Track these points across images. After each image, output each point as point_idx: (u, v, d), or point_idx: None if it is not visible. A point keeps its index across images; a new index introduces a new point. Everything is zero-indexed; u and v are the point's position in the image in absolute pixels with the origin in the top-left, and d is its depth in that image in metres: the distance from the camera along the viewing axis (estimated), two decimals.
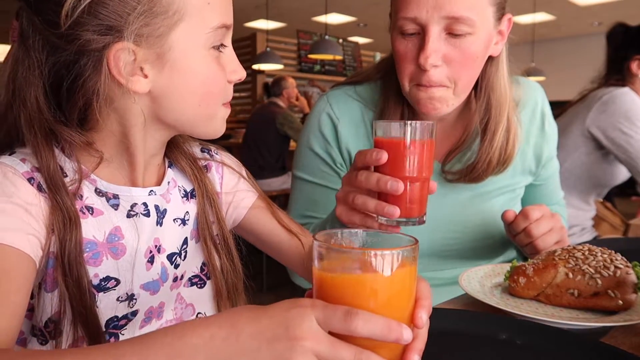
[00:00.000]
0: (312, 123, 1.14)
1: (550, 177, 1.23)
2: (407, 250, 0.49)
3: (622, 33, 2.05)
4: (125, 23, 0.62)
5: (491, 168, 1.05)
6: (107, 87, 0.64)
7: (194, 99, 0.68)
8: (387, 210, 0.72)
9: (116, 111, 0.68)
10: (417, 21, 0.92)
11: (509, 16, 1.01)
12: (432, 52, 0.91)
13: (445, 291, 1.11)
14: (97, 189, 0.70)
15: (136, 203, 0.73)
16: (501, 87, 1.04)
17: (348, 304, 0.47)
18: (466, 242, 1.13)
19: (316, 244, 0.50)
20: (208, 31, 0.67)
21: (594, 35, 7.53)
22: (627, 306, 0.77)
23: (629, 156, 1.85)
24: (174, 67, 0.66)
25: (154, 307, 0.75)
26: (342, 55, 6.20)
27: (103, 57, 0.63)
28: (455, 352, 0.66)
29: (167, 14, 0.64)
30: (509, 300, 0.83)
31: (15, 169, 0.63)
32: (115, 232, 0.70)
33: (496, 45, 1.01)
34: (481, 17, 0.92)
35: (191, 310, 0.81)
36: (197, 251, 0.81)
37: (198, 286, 0.81)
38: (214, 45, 0.68)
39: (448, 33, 0.92)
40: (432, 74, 0.93)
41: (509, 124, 1.05)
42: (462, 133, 1.08)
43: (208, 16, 0.66)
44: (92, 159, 0.69)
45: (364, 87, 1.14)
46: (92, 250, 0.68)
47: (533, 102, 1.15)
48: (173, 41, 0.65)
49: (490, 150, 1.04)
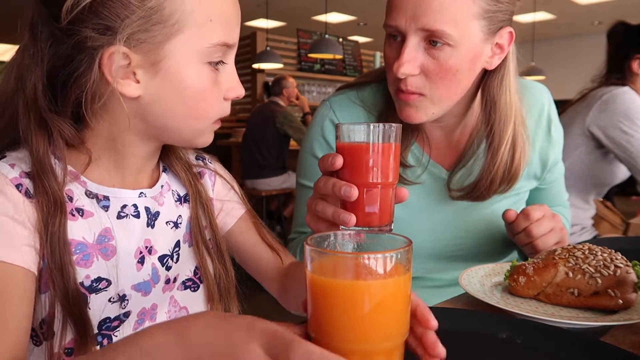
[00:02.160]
0: (314, 130, 1.12)
1: (556, 181, 1.21)
2: (400, 253, 0.48)
3: (623, 32, 2.05)
4: (122, 25, 0.62)
5: (494, 186, 1.01)
6: (98, 86, 0.65)
7: (182, 110, 0.68)
8: (342, 217, 0.68)
9: (107, 112, 0.68)
10: (397, 29, 0.91)
11: (509, 29, 0.96)
12: (406, 61, 0.90)
13: (447, 292, 1.11)
14: (87, 191, 0.71)
15: (126, 204, 0.74)
16: (506, 100, 1.00)
17: (341, 309, 0.46)
18: (470, 247, 1.13)
19: (308, 249, 0.50)
20: (207, 46, 0.67)
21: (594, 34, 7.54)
22: (627, 305, 0.77)
23: (629, 155, 1.85)
24: (166, 76, 0.66)
25: (146, 308, 0.75)
26: (342, 54, 6.20)
27: (97, 55, 0.63)
28: (455, 352, 0.66)
29: (167, 24, 0.64)
30: (509, 299, 0.83)
31: (5, 176, 0.64)
32: (105, 233, 0.71)
33: (491, 59, 0.96)
34: (461, 31, 0.88)
35: (185, 313, 0.81)
36: (189, 255, 0.81)
37: (191, 289, 0.82)
38: (211, 60, 0.68)
39: (428, 42, 0.90)
40: (408, 81, 0.92)
41: (515, 140, 1.01)
42: (467, 142, 1.06)
43: (208, 32, 0.66)
44: (81, 160, 0.70)
45: (367, 91, 1.12)
46: (83, 252, 0.68)
47: (539, 106, 1.13)
48: (169, 50, 0.65)
49: (493, 167, 1.00)
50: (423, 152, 1.08)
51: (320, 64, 7.37)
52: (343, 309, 0.47)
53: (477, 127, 1.04)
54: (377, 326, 0.48)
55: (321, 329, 0.50)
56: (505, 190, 1.04)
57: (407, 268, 0.49)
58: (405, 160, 1.05)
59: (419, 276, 1.16)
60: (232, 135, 5.64)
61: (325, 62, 7.41)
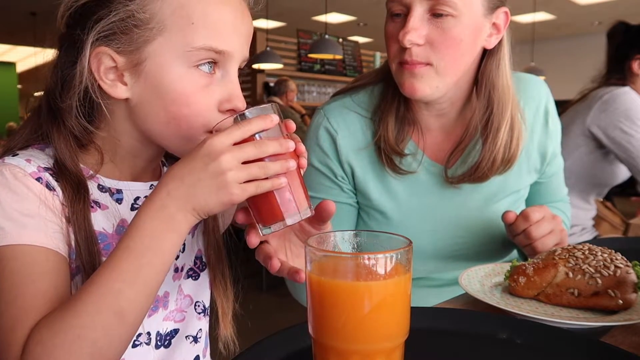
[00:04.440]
0: (310, 138, 1.13)
1: (555, 174, 1.22)
2: (400, 253, 0.48)
3: (623, 32, 2.05)
4: (105, 27, 0.65)
5: (495, 167, 1.04)
6: (92, 88, 0.68)
7: (164, 115, 0.68)
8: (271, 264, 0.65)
9: (106, 116, 0.71)
10: (402, 2, 0.94)
11: (504, 9, 1.00)
12: (412, 29, 0.93)
13: (447, 292, 1.11)
14: (99, 185, 0.73)
15: (139, 197, 0.76)
16: (503, 84, 1.03)
17: (341, 309, 0.46)
18: (471, 246, 1.13)
19: (308, 249, 0.50)
20: (188, 49, 0.66)
21: (594, 34, 7.53)
22: (627, 306, 0.77)
23: (629, 155, 1.85)
24: (148, 78, 0.67)
25: (159, 296, 0.78)
26: (342, 54, 6.20)
27: (86, 57, 0.66)
28: (455, 352, 0.66)
29: (147, 26, 0.66)
30: (509, 299, 0.83)
31: (24, 170, 0.65)
32: (123, 224, 0.73)
33: (489, 38, 1.00)
34: (464, 1, 0.93)
35: (189, 301, 0.83)
36: (193, 245, 0.85)
37: (193, 278, 0.85)
38: (197, 64, 0.67)
39: (432, 14, 0.93)
40: (413, 51, 0.95)
41: (513, 122, 1.04)
42: (463, 132, 1.07)
43: (189, 35, 0.66)
44: (92, 159, 0.72)
45: (361, 94, 1.12)
46: (104, 242, 0.71)
47: (537, 99, 1.14)
48: (149, 53, 0.66)
49: (494, 148, 1.03)
50: (418, 148, 1.08)
51: (320, 64, 7.37)
52: (343, 309, 0.47)
53: (473, 116, 1.05)
54: (377, 326, 0.48)
55: (321, 329, 0.50)
56: (504, 171, 1.06)
57: (407, 268, 0.49)
58: (401, 150, 1.06)
59: (419, 276, 1.16)
60: None
61: (325, 63, 7.41)
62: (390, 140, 1.05)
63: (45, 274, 0.61)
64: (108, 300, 0.56)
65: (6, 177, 0.64)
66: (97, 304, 0.56)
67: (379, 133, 1.06)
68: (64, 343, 0.55)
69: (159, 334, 0.78)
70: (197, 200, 0.58)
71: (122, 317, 0.57)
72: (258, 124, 0.59)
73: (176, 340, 0.80)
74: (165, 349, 0.78)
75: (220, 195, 0.58)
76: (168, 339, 0.79)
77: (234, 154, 0.58)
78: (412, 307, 0.53)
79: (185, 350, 0.82)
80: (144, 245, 0.58)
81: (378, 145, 1.07)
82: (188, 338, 0.83)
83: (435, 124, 1.09)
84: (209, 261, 0.86)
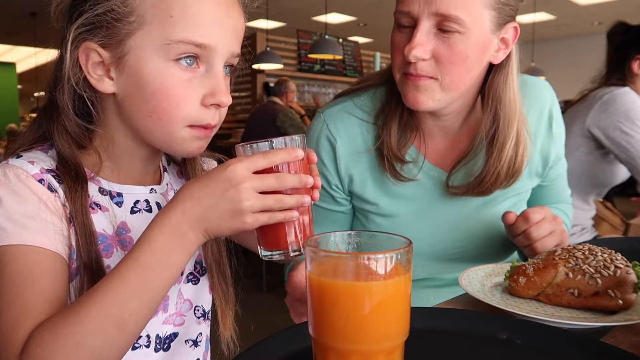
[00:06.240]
0: (308, 144, 1.12)
1: (558, 177, 1.21)
2: (400, 253, 0.48)
3: (623, 32, 2.05)
4: (88, 20, 0.67)
5: (499, 182, 1.03)
6: (79, 81, 0.69)
7: (145, 109, 0.68)
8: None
9: (98, 111, 0.72)
10: (410, 15, 0.93)
11: (514, 24, 0.98)
12: (418, 44, 0.91)
13: (447, 292, 1.11)
14: (100, 188, 0.73)
15: (139, 200, 0.77)
16: (510, 97, 1.01)
17: (341, 309, 0.46)
18: (471, 248, 1.12)
19: (308, 249, 0.50)
20: (166, 43, 0.66)
21: (594, 34, 7.54)
22: (627, 306, 0.77)
23: (629, 156, 1.85)
24: (129, 72, 0.68)
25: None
26: (342, 54, 6.20)
27: (75, 52, 0.67)
28: (455, 352, 0.66)
29: (128, 19, 0.66)
30: (509, 300, 0.83)
31: (27, 172, 0.66)
32: (123, 226, 0.74)
33: (497, 53, 0.98)
34: (473, 18, 0.91)
35: (189, 305, 0.83)
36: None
37: (193, 283, 0.84)
38: (176, 58, 0.66)
39: (438, 29, 0.92)
40: (418, 66, 0.94)
41: (519, 137, 1.02)
42: (468, 142, 1.06)
43: (169, 28, 0.66)
44: (91, 161, 0.73)
45: (363, 97, 1.11)
46: (104, 243, 0.71)
47: (542, 102, 1.13)
48: (131, 46, 0.67)
49: (499, 163, 1.01)
50: (419, 154, 1.07)
51: (320, 65, 7.38)
52: (343, 309, 0.47)
53: (479, 127, 1.04)
54: (377, 326, 0.48)
55: (321, 329, 0.50)
56: (507, 185, 1.05)
57: (407, 269, 0.49)
58: (403, 157, 1.05)
59: (419, 277, 1.16)
60: (231, 135, 5.65)
61: (325, 63, 7.41)
62: (393, 147, 1.04)
63: (45, 274, 0.62)
64: (112, 310, 0.57)
65: (9, 178, 0.65)
66: (100, 312, 0.57)
67: (381, 138, 1.05)
68: (64, 348, 0.55)
69: (158, 337, 0.78)
70: (210, 223, 0.60)
71: (124, 327, 0.57)
72: (282, 157, 0.61)
73: (176, 344, 0.80)
74: (165, 352, 0.78)
75: (233, 221, 0.60)
76: (167, 343, 0.79)
77: (254, 184, 0.59)
78: (412, 307, 0.53)
79: (185, 354, 0.82)
80: (154, 259, 0.59)
81: (380, 151, 1.06)
82: (188, 342, 0.83)
83: (439, 131, 1.08)
84: (209, 266, 0.86)
